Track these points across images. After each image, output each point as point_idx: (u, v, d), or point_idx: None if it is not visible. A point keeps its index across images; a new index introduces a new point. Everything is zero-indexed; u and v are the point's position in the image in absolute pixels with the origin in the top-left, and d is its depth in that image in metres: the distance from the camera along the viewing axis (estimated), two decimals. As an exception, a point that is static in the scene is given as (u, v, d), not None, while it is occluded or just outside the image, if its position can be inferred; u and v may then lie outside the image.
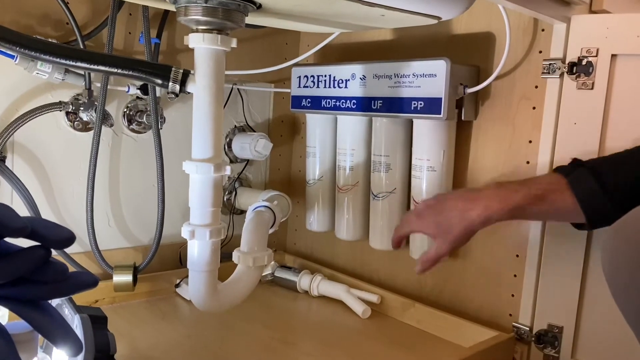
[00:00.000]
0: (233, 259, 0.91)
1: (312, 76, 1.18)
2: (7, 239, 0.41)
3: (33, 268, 0.42)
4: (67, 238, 0.42)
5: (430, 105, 0.97)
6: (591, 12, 0.90)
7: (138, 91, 1.08)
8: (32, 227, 0.41)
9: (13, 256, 0.41)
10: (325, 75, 1.15)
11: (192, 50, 0.79)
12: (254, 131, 1.32)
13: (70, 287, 0.44)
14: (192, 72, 0.79)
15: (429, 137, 1.00)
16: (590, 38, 0.87)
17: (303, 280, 1.21)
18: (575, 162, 0.77)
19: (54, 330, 0.44)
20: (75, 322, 0.60)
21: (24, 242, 0.41)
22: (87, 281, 0.45)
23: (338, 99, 1.13)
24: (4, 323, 0.45)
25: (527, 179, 0.79)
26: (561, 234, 0.91)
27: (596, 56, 0.86)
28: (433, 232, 0.82)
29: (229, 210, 1.30)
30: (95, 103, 1.04)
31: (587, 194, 0.72)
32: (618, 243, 0.60)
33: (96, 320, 0.61)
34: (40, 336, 0.52)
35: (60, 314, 0.47)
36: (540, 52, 0.94)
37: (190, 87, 0.78)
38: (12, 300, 0.42)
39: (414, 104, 0.99)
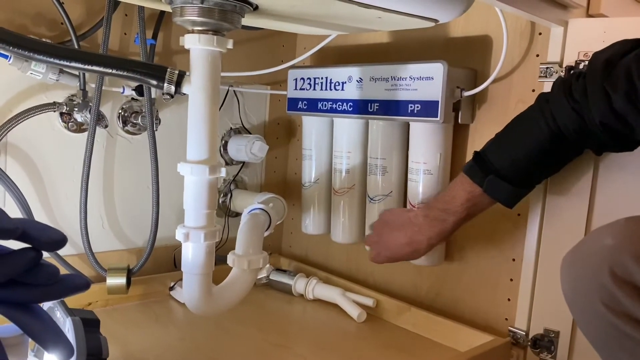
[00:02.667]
0: (228, 262, 0.90)
1: (309, 78, 1.18)
2: (-2, 241, 0.40)
3: (23, 270, 0.41)
4: (58, 240, 0.41)
5: (427, 108, 0.97)
6: (588, 15, 0.90)
7: (133, 92, 1.07)
8: (23, 229, 0.40)
9: (3, 258, 0.40)
10: (322, 78, 1.15)
11: (188, 51, 0.78)
12: (250, 133, 1.31)
13: (61, 290, 0.43)
14: (187, 73, 0.78)
15: (426, 140, 1.00)
16: (587, 42, 0.86)
17: (298, 284, 1.20)
18: (478, 158, 0.85)
19: (45, 333, 0.43)
20: (67, 325, 0.59)
21: (15, 245, 0.41)
22: (78, 284, 0.44)
23: (334, 101, 1.12)
24: (-7, 326, 0.44)
25: (448, 199, 0.87)
26: (558, 239, 0.91)
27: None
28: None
29: (225, 212, 1.29)
30: (90, 104, 1.03)
31: (504, 195, 0.83)
32: (575, 270, 0.63)
33: (88, 323, 0.60)
34: (31, 340, 0.51)
35: (52, 317, 0.46)
36: (538, 55, 0.94)
37: (185, 88, 0.77)
38: (1, 303, 0.42)
39: (411, 106, 0.99)
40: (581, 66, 0.86)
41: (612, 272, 0.57)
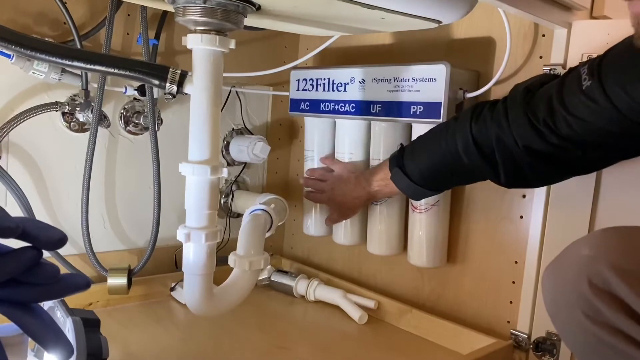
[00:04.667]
0: (229, 263, 0.90)
1: (311, 79, 1.17)
2: (-2, 240, 0.40)
3: (23, 269, 0.41)
4: (58, 239, 0.41)
5: (430, 110, 0.96)
6: (592, 17, 0.89)
7: (135, 92, 1.07)
8: (24, 228, 0.40)
9: (3, 257, 0.40)
10: (324, 79, 1.15)
11: (190, 52, 0.78)
12: (252, 134, 1.31)
13: (61, 290, 0.43)
14: (189, 73, 0.78)
15: (428, 142, 1.00)
16: (591, 44, 0.86)
17: (300, 285, 1.20)
18: (401, 149, 0.95)
19: (44, 333, 0.43)
20: (67, 325, 0.59)
21: (15, 244, 0.40)
22: (79, 283, 0.44)
23: (337, 102, 1.12)
24: (-7, 325, 0.44)
25: (374, 171, 1.02)
26: (560, 241, 0.90)
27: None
28: (340, 211, 1.11)
29: (226, 213, 1.29)
30: (92, 104, 1.03)
31: (405, 187, 0.93)
32: (555, 281, 0.64)
33: (89, 323, 0.60)
34: (31, 339, 0.51)
35: (52, 316, 0.45)
36: (541, 57, 0.94)
37: (187, 88, 0.77)
38: (1, 302, 0.41)
39: (413, 108, 0.99)
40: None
41: (590, 282, 0.58)
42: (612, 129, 0.69)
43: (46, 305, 0.64)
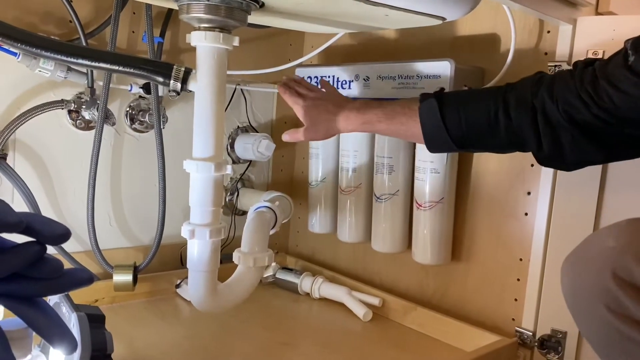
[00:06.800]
0: (233, 259, 0.90)
1: (316, 77, 1.17)
2: (2, 235, 0.40)
3: (28, 264, 0.41)
4: (62, 234, 0.41)
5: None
6: (597, 13, 0.89)
7: (140, 90, 1.08)
8: (27, 223, 0.40)
9: (7, 252, 0.40)
10: (329, 76, 1.15)
11: (195, 50, 0.78)
12: (257, 132, 1.31)
13: (65, 284, 0.43)
14: (194, 70, 0.78)
15: (433, 139, 0.99)
16: (596, 40, 0.86)
17: (304, 282, 1.20)
18: (439, 92, 0.84)
19: (49, 327, 0.43)
20: (73, 321, 0.59)
21: (19, 239, 0.41)
22: (82, 278, 0.44)
23: (341, 100, 1.12)
24: (-2, 320, 0.44)
25: (393, 102, 0.89)
26: (565, 237, 0.90)
27: (602, 58, 0.85)
28: (305, 125, 0.95)
29: (231, 211, 1.29)
30: (98, 102, 1.04)
31: (430, 123, 0.80)
32: (576, 273, 0.62)
33: (94, 319, 0.60)
34: (36, 335, 0.52)
35: (57, 311, 0.46)
36: (546, 53, 0.94)
37: (191, 85, 0.78)
38: (6, 296, 0.42)
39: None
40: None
41: (615, 275, 0.57)
42: None
43: (52, 300, 0.64)
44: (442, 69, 0.95)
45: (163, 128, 1.12)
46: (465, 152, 1.01)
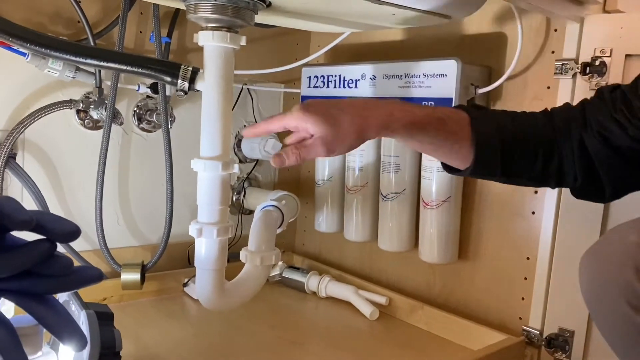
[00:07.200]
0: (240, 258, 0.91)
1: (322, 76, 1.18)
2: (13, 233, 0.41)
3: (38, 261, 0.41)
4: (72, 231, 0.42)
5: (441, 106, 0.96)
6: (605, 12, 0.88)
7: (148, 90, 1.08)
8: (37, 220, 0.41)
9: (18, 249, 0.41)
10: (336, 76, 1.15)
11: (202, 49, 0.78)
12: (264, 131, 1.32)
13: (75, 281, 0.44)
14: (201, 70, 0.79)
15: (439, 138, 0.99)
16: (603, 38, 0.85)
17: (311, 281, 1.20)
18: (476, 106, 0.75)
19: (59, 325, 0.43)
20: (82, 318, 0.60)
21: (30, 237, 0.41)
22: (92, 275, 0.45)
23: (348, 99, 1.12)
24: (9, 317, 0.45)
25: (430, 107, 0.81)
26: (573, 236, 0.90)
27: (610, 56, 0.85)
28: (322, 132, 0.67)
29: (238, 210, 1.30)
30: (106, 101, 1.04)
31: (483, 136, 0.70)
32: (596, 269, 0.60)
33: (102, 317, 0.61)
34: (46, 332, 0.52)
35: (66, 309, 0.46)
36: (553, 52, 0.93)
37: (199, 85, 0.78)
38: (17, 293, 0.42)
39: (424, 104, 0.99)
40: (597, 63, 0.85)
41: (638, 270, 0.55)
42: None
43: (61, 298, 0.65)
44: (448, 67, 0.95)
45: (170, 127, 1.12)
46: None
